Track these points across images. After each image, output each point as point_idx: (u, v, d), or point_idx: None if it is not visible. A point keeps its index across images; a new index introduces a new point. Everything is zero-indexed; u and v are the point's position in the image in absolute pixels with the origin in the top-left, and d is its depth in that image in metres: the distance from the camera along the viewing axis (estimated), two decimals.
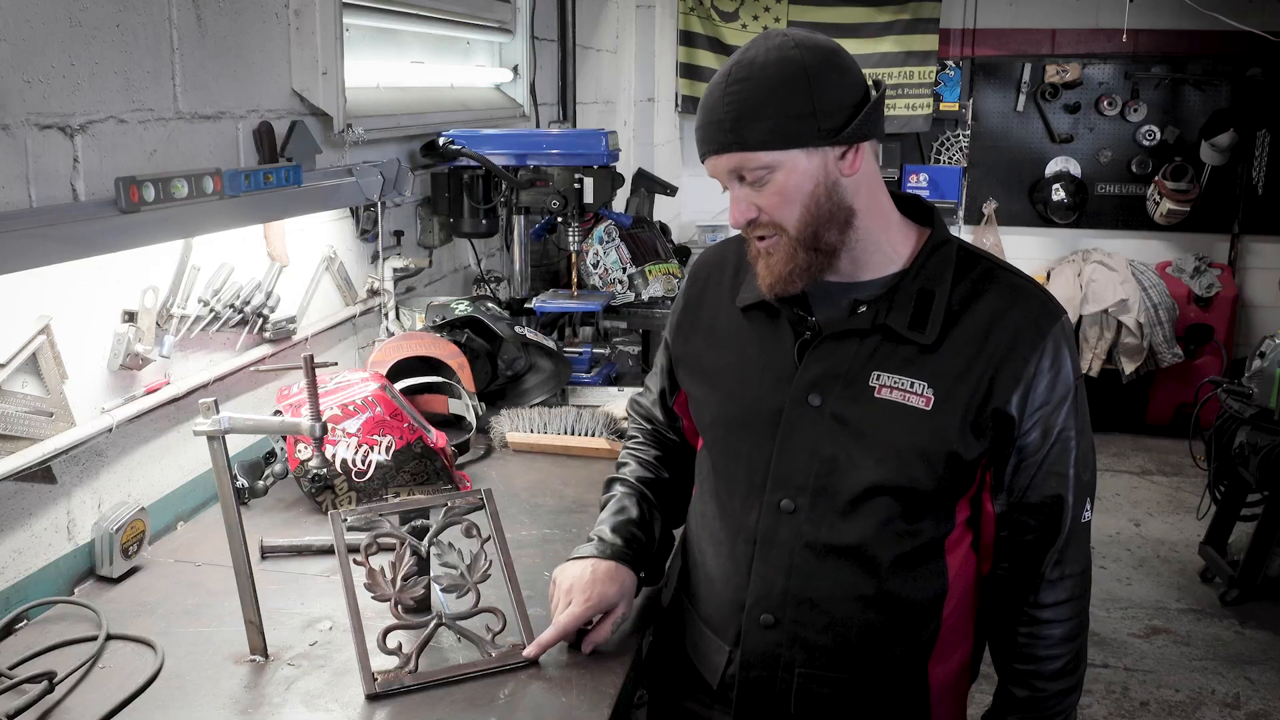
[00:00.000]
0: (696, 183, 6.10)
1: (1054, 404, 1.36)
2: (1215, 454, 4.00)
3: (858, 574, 1.39)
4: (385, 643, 1.41)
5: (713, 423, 1.50)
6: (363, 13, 2.64)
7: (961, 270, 1.39)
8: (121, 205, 1.62)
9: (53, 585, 1.67)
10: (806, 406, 1.38)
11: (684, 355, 1.57)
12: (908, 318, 1.36)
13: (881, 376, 1.36)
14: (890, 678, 1.44)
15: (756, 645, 1.44)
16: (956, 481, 1.38)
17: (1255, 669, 3.56)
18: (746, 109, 1.29)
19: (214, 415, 1.44)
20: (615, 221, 3.30)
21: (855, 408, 1.37)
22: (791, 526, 1.40)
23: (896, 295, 1.37)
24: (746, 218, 1.35)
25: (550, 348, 2.66)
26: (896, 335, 1.36)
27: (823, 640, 1.42)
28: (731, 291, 1.50)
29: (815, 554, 1.40)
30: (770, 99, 1.29)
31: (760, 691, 1.45)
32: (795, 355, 1.40)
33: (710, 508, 1.52)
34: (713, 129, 1.33)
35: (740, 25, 5.78)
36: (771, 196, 1.32)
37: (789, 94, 1.28)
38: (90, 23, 1.66)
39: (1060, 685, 1.45)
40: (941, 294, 1.36)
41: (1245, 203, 5.75)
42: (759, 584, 1.43)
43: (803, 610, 1.41)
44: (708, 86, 1.36)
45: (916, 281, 1.37)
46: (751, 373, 1.44)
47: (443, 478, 2.03)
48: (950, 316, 1.36)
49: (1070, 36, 5.79)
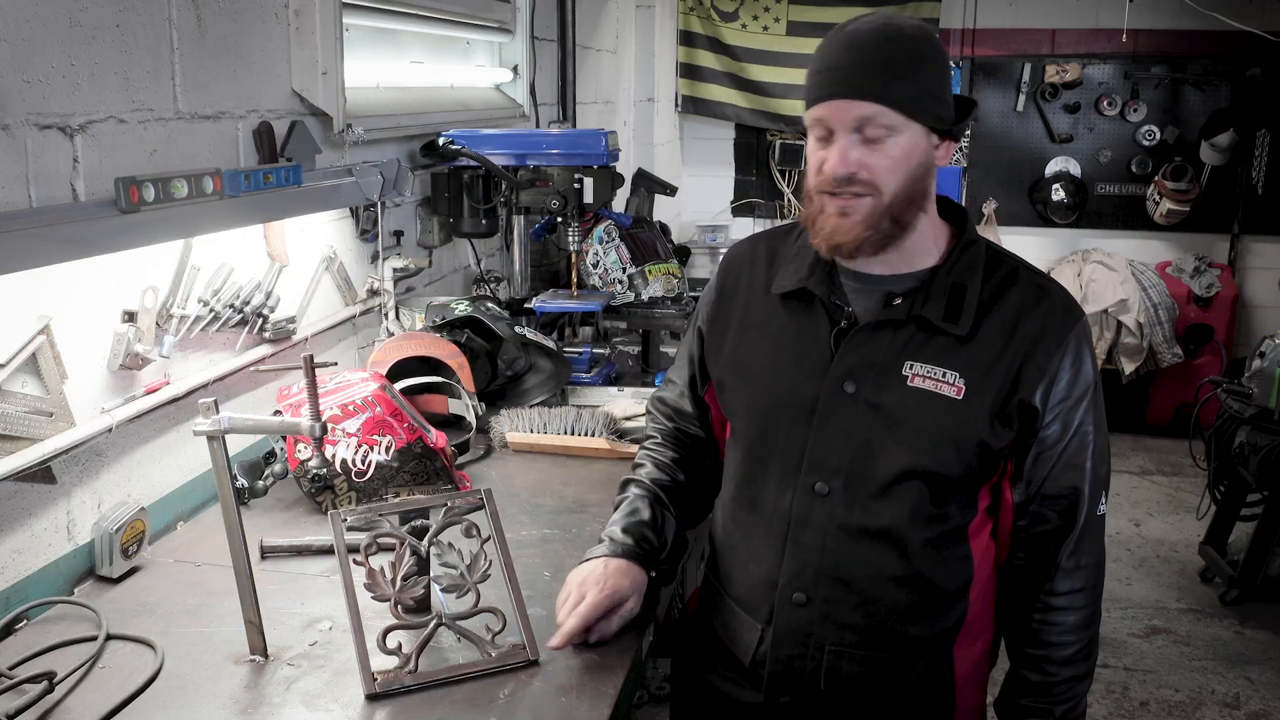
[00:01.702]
0: (696, 183, 6.12)
1: (1074, 400, 1.42)
2: (1215, 454, 4.00)
3: (889, 556, 1.43)
4: (385, 643, 1.41)
5: (747, 409, 1.53)
6: (363, 13, 2.64)
7: (990, 268, 1.45)
8: (121, 205, 1.62)
9: (53, 585, 1.67)
10: (842, 394, 1.43)
11: (717, 344, 1.60)
12: (942, 309, 1.41)
13: (915, 366, 1.41)
14: (918, 659, 1.48)
15: (788, 623, 1.48)
16: (983, 469, 1.43)
17: (1255, 669, 3.56)
18: (898, 67, 1.34)
19: (214, 415, 1.44)
20: (615, 221, 3.30)
21: (889, 395, 1.41)
22: (825, 509, 1.44)
23: (932, 288, 1.42)
24: (849, 170, 1.35)
25: (550, 348, 2.66)
26: (931, 326, 1.41)
27: (853, 619, 1.45)
28: (765, 282, 1.54)
29: (848, 535, 1.44)
30: (920, 68, 1.35)
31: (791, 669, 1.49)
32: (832, 344, 1.44)
33: (742, 493, 1.55)
34: (858, 73, 1.34)
35: (740, 25, 5.77)
36: (882, 158, 1.35)
37: (931, 70, 1.36)
38: (90, 23, 1.66)
39: (1071, 671, 1.50)
40: (973, 288, 1.42)
41: (1245, 203, 5.74)
42: (792, 563, 1.46)
43: (835, 590, 1.45)
44: (847, 33, 1.37)
45: (950, 276, 1.43)
46: (787, 360, 1.48)
47: (443, 478, 2.03)
48: (981, 310, 1.41)
49: (1070, 36, 5.79)
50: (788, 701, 1.50)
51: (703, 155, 6.17)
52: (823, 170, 1.37)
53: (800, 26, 5.72)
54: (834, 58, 1.36)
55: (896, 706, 1.49)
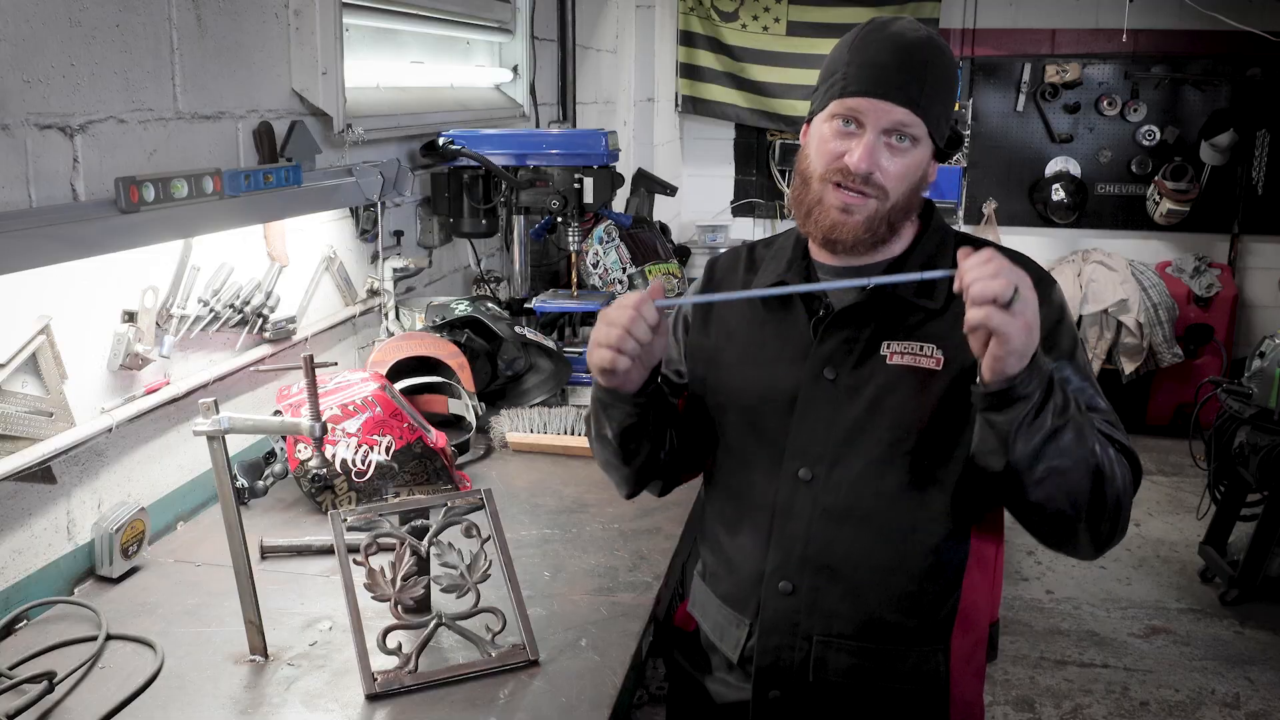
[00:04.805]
0: (696, 183, 6.12)
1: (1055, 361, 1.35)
2: (1215, 454, 4.00)
3: (875, 541, 1.43)
4: (385, 643, 1.41)
5: (731, 406, 1.54)
6: (363, 13, 2.64)
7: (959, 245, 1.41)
8: (121, 205, 1.62)
9: (53, 585, 1.67)
10: (822, 380, 1.44)
11: (698, 348, 1.60)
12: (913, 287, 1.41)
13: (892, 344, 1.42)
14: (909, 649, 1.46)
15: (775, 613, 1.47)
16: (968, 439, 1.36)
17: (1255, 669, 3.56)
18: (938, 83, 1.38)
19: (214, 415, 1.44)
20: (615, 221, 3.30)
21: (869, 377, 1.42)
22: (809, 494, 1.44)
23: (904, 269, 1.43)
24: (873, 167, 1.38)
25: (550, 348, 2.66)
26: (906, 304, 1.41)
27: (841, 608, 1.44)
28: (746, 284, 1.56)
29: (832, 520, 1.43)
30: (949, 89, 1.42)
31: (778, 660, 1.48)
32: (811, 333, 1.46)
33: (728, 491, 1.55)
34: (907, 77, 1.36)
35: (740, 25, 5.77)
36: (900, 165, 1.39)
37: (952, 92, 1.43)
38: (90, 23, 1.66)
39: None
40: (944, 263, 1.39)
41: (1245, 203, 5.74)
42: (777, 553, 1.46)
43: (821, 577, 1.44)
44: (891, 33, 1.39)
45: (919, 257, 1.45)
46: (768, 357, 1.49)
47: (443, 478, 2.03)
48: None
49: (1070, 36, 5.78)
50: (777, 696, 1.48)
51: (703, 155, 6.17)
52: (840, 159, 1.38)
53: (800, 26, 5.72)
54: (881, 55, 1.38)
55: (888, 699, 1.47)
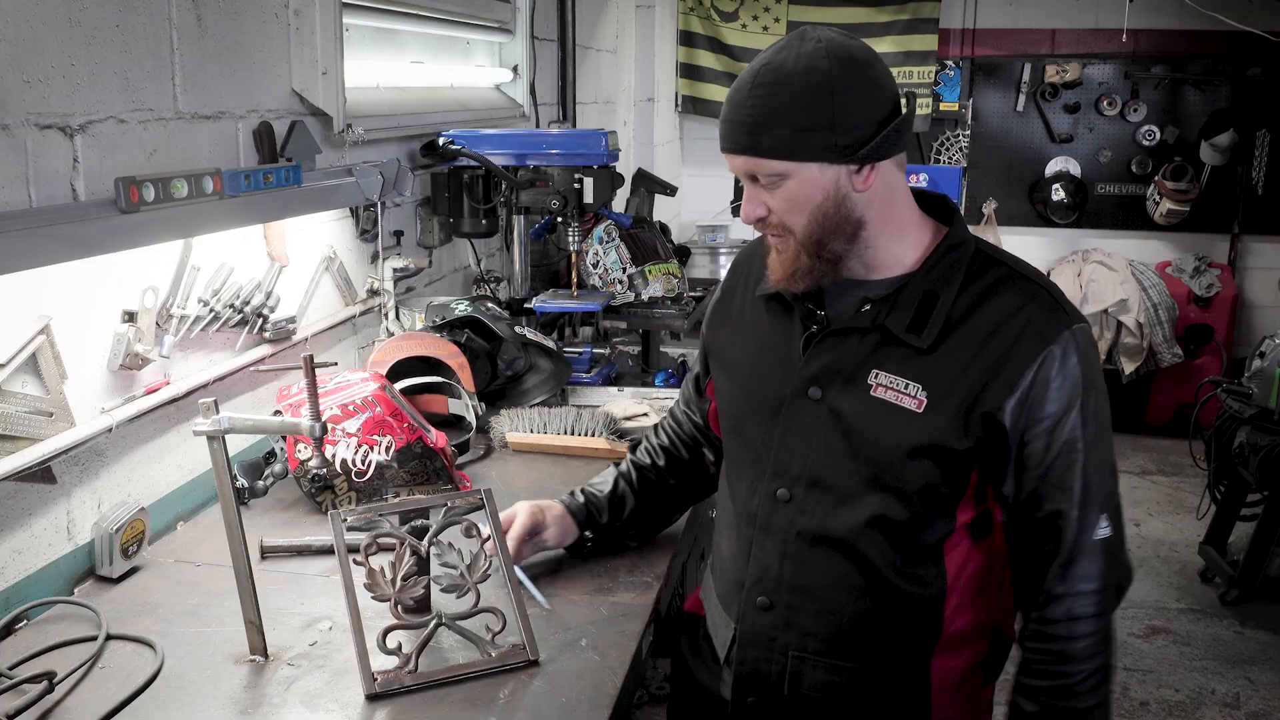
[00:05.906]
0: (696, 183, 6.12)
1: (1058, 415, 1.33)
2: (1215, 454, 4.00)
3: (848, 566, 1.41)
4: (385, 643, 1.41)
5: (728, 410, 1.56)
6: (363, 13, 2.64)
7: (974, 274, 1.38)
8: (121, 205, 1.62)
9: (53, 585, 1.67)
10: (806, 399, 1.41)
11: (713, 344, 1.62)
12: (907, 320, 1.36)
13: (880, 375, 1.37)
14: (886, 669, 1.45)
15: (753, 626, 1.48)
16: (947, 483, 1.37)
17: (1255, 669, 3.56)
18: (766, 115, 1.30)
19: (214, 415, 1.44)
20: (615, 221, 3.29)
21: (852, 404, 1.38)
22: (786, 515, 1.44)
23: (900, 296, 1.38)
24: (756, 215, 1.38)
25: (550, 348, 2.66)
26: (894, 337, 1.37)
27: (815, 627, 1.44)
28: (755, 284, 1.54)
29: (807, 543, 1.43)
30: (791, 109, 1.29)
31: (756, 671, 1.49)
32: (800, 348, 1.43)
33: (725, 492, 1.58)
34: (732, 128, 1.35)
35: (740, 25, 5.77)
36: (781, 201, 1.35)
37: (810, 107, 1.29)
38: (90, 23, 1.66)
39: (1070, 704, 1.38)
40: (946, 297, 1.36)
41: (1245, 203, 5.75)
42: (756, 567, 1.47)
43: (796, 596, 1.44)
44: (735, 82, 1.37)
45: (923, 284, 1.37)
46: (765, 363, 1.49)
47: (443, 478, 2.03)
48: (951, 320, 1.35)
49: (1070, 36, 5.79)
50: (754, 702, 1.50)
51: (703, 155, 6.17)
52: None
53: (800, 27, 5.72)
54: (724, 109, 1.37)
55: (865, 716, 1.46)
